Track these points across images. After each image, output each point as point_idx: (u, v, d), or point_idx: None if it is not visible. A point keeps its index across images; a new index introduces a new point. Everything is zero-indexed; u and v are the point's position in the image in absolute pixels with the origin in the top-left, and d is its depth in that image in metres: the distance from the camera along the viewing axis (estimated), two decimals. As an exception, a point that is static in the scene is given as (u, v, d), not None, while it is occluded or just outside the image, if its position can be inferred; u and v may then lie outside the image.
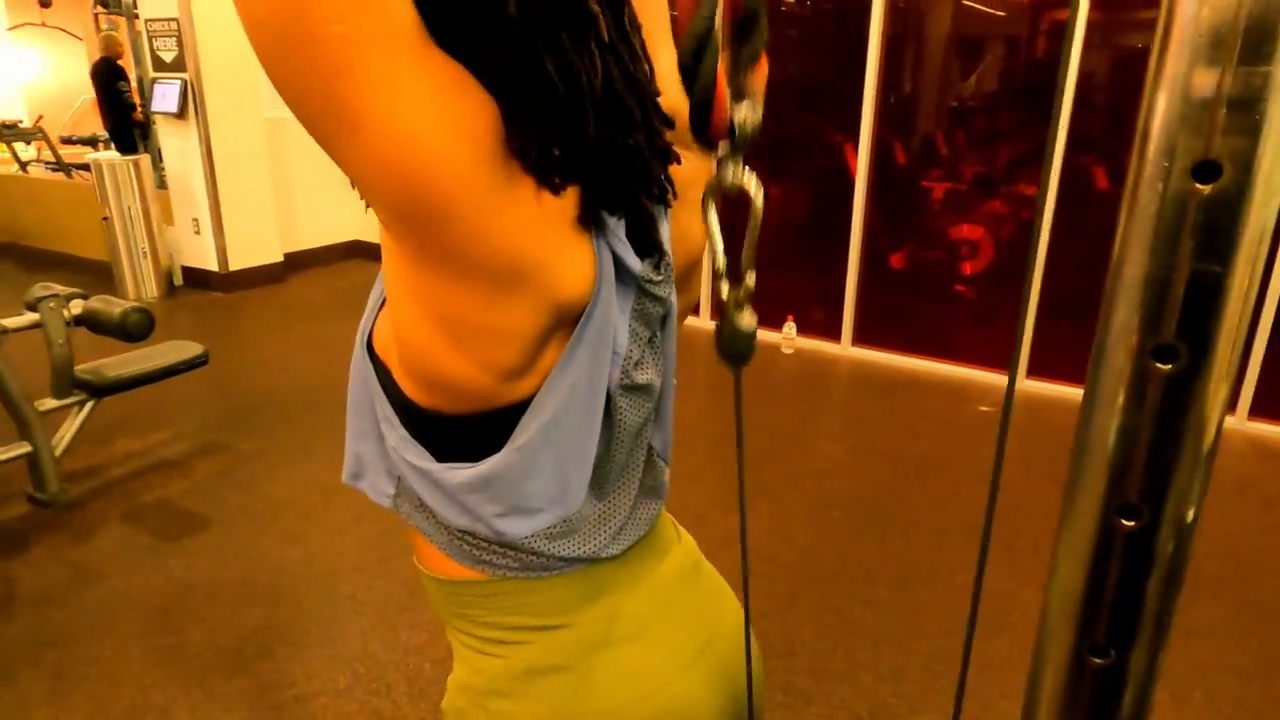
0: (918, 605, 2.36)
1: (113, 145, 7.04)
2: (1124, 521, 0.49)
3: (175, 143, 5.38)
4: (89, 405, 2.97)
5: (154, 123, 5.76)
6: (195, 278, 5.66)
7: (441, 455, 0.65)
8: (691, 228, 0.77)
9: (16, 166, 7.38)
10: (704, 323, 4.83)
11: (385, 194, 0.52)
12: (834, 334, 4.58)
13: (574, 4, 0.53)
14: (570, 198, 0.58)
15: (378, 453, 0.69)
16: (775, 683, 2.06)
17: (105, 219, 5.25)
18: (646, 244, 0.64)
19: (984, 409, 3.82)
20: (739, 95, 0.56)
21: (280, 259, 5.84)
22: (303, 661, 2.12)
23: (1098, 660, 0.50)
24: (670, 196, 0.66)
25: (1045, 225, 3.90)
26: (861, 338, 4.55)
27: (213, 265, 5.52)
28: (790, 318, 4.58)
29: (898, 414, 3.76)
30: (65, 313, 2.80)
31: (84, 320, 2.85)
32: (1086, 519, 0.50)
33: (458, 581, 0.71)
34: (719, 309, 0.61)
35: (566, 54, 0.53)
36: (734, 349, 0.62)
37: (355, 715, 1.95)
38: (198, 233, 5.49)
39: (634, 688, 0.71)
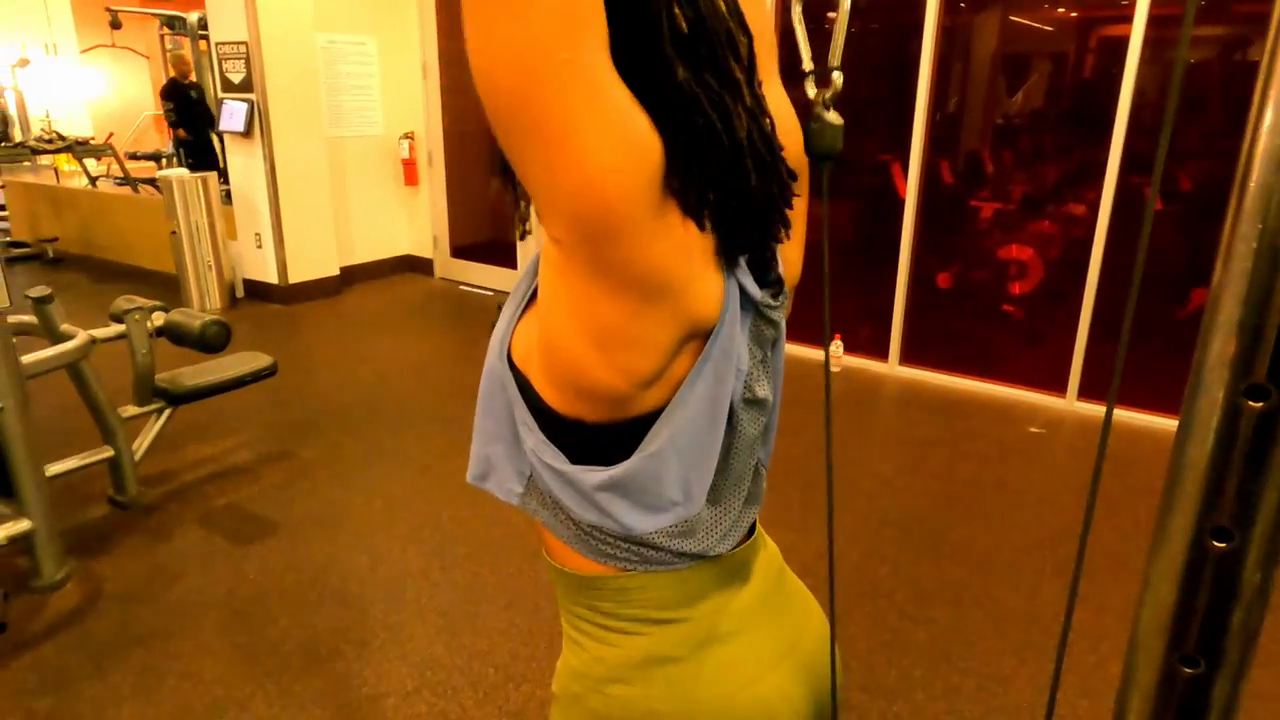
0: (971, 625, 2.38)
1: (178, 160, 7.35)
2: (1215, 543, 0.54)
3: (241, 160, 5.59)
4: (167, 413, 3.11)
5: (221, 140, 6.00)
6: (256, 290, 5.86)
7: (575, 458, 0.72)
8: (790, 258, 0.84)
9: (87, 181, 7.70)
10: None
11: (571, 210, 0.59)
12: (882, 353, 4.59)
13: (723, 68, 0.61)
14: (710, 233, 0.65)
15: (508, 454, 0.77)
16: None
17: (173, 233, 5.46)
18: (766, 275, 0.72)
19: (1034, 430, 3.81)
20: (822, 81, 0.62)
21: (336, 272, 6.02)
22: (372, 663, 2.21)
23: (1188, 670, 0.55)
24: (785, 235, 0.73)
25: (1099, 244, 3.90)
26: (909, 357, 4.56)
27: (273, 278, 5.71)
28: (838, 336, 4.60)
29: (947, 434, 3.76)
30: (149, 324, 2.94)
31: (165, 331, 3.00)
32: (1179, 539, 0.55)
33: (587, 576, 0.78)
34: (807, 109, 0.68)
35: (727, 109, 0.61)
36: (824, 143, 0.68)
37: (424, 717, 2.02)
38: (259, 247, 5.69)
39: (733, 680, 0.78)
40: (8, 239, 7.75)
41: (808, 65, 0.67)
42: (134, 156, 8.89)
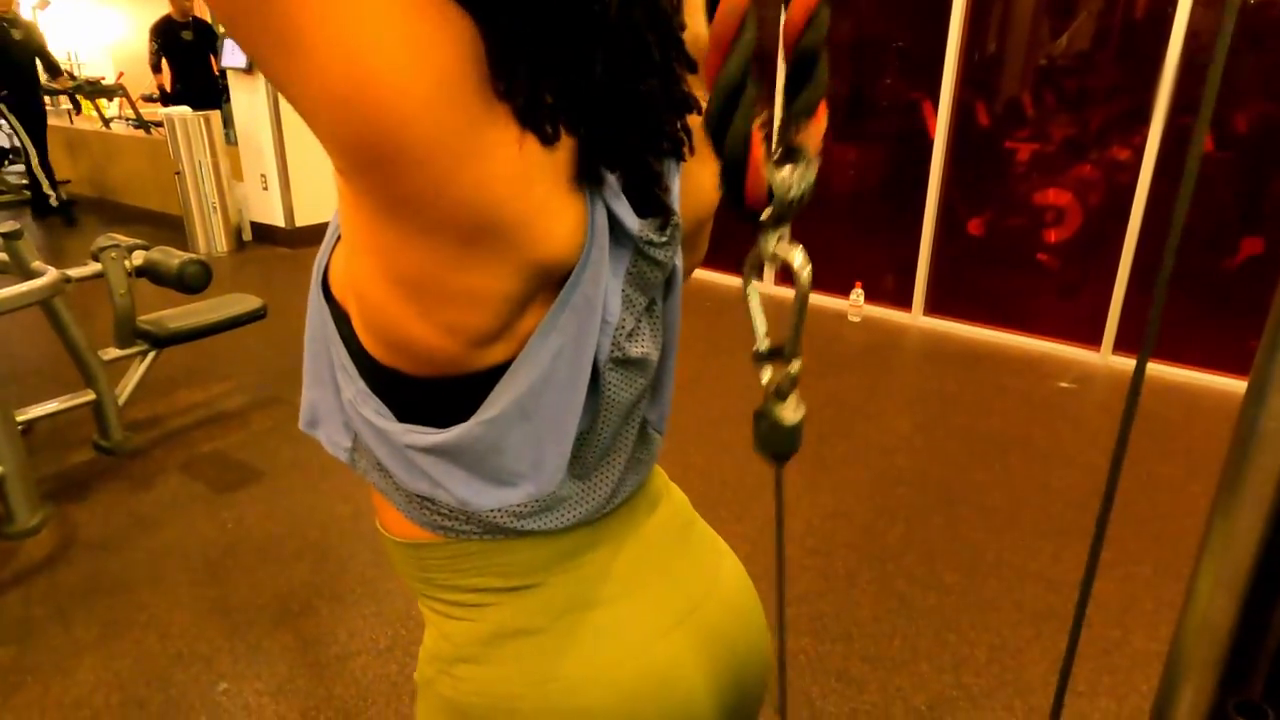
0: (985, 592, 2.21)
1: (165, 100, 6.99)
2: (1303, 544, 0.36)
3: (244, 98, 5.42)
4: (151, 355, 3.00)
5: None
6: (263, 233, 5.74)
7: (403, 415, 0.57)
8: (704, 181, 0.66)
9: (101, 123, 7.59)
10: (770, 287, 4.66)
11: (332, 129, 0.43)
12: (905, 303, 4.36)
13: None
14: (562, 145, 0.48)
15: (335, 402, 0.62)
16: (829, 667, 1.95)
17: (177, 174, 5.34)
18: (649, 202, 0.54)
19: (1064, 385, 3.59)
20: (789, 155, 0.45)
21: (345, 216, 5.88)
22: (346, 620, 2.10)
23: (1249, 723, 0.38)
24: (687, 150, 0.55)
25: (1142, 190, 3.62)
26: (934, 307, 4.32)
27: (280, 221, 5.58)
28: (859, 284, 4.38)
29: (970, 388, 3.55)
30: (126, 263, 2.82)
31: (145, 271, 2.87)
32: (1244, 535, 0.37)
33: (419, 544, 0.65)
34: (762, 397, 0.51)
35: None
36: (775, 447, 0.51)
37: (394, 676, 1.92)
38: (265, 188, 5.55)
39: (611, 651, 0.65)
40: (24, 181, 7.69)
41: (761, 345, 0.50)
42: (149, 99, 8.76)
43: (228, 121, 5.74)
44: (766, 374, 0.49)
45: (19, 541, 2.40)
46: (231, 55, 5.29)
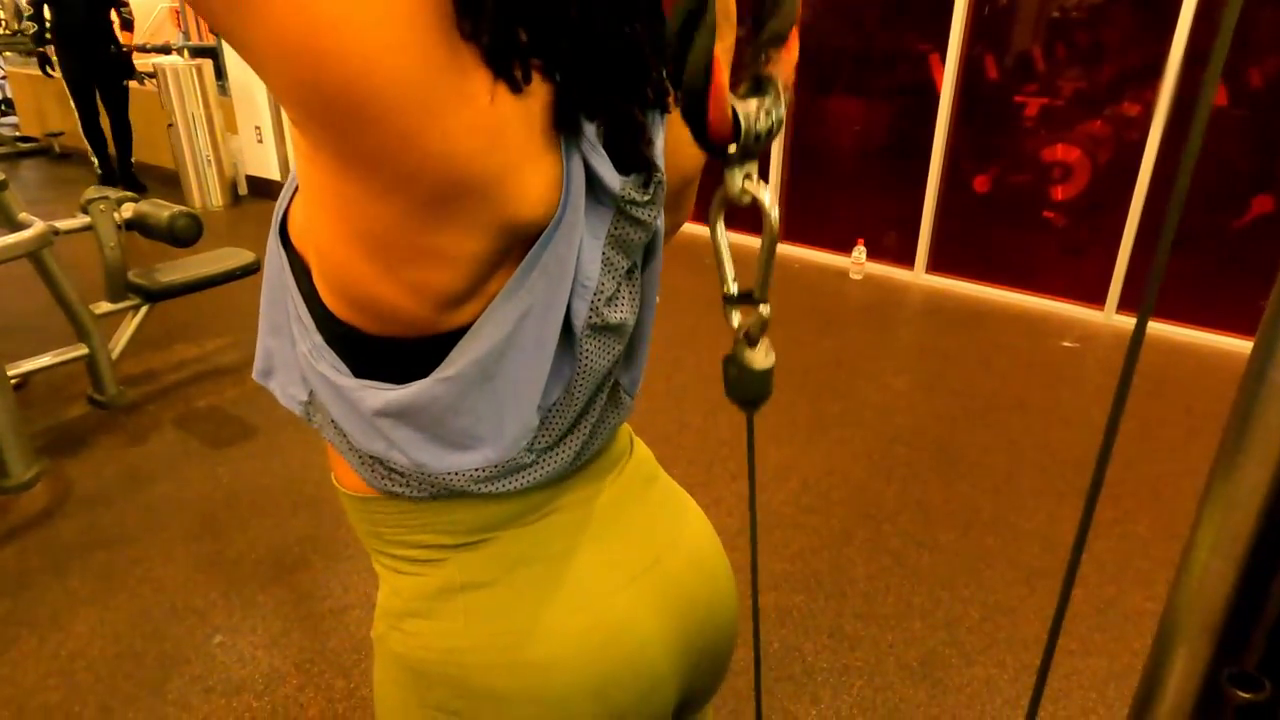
0: (980, 551, 2.21)
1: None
2: (1310, 506, 0.34)
3: (237, 48, 5.31)
4: (143, 310, 2.97)
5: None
6: (259, 187, 5.67)
7: (360, 371, 0.54)
8: (684, 136, 0.62)
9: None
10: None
11: (285, 81, 0.39)
12: (907, 260, 4.31)
13: None
14: (537, 96, 0.45)
15: (291, 354, 0.59)
16: (822, 624, 1.95)
17: (170, 125, 5.25)
18: (631, 157, 0.51)
19: (1067, 344, 3.56)
20: (757, 87, 0.41)
21: (342, 170, 5.80)
22: (339, 574, 2.11)
23: (1244, 694, 0.36)
24: (671, 101, 0.51)
25: (1153, 146, 3.54)
26: (937, 265, 4.27)
27: (275, 174, 5.50)
28: (860, 241, 4.32)
29: (971, 347, 3.52)
30: (116, 216, 2.78)
31: (134, 224, 2.83)
32: (1247, 496, 0.35)
33: (370, 499, 0.63)
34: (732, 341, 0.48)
35: None
36: (744, 392, 0.49)
37: (388, 631, 1.92)
38: (260, 141, 5.46)
39: (563, 603, 0.63)
40: (16, 133, 7.60)
41: (729, 288, 0.47)
42: (143, 49, 8.59)
43: (220, 72, 5.63)
44: (735, 318, 0.46)
45: (14, 496, 2.40)
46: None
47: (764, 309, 0.45)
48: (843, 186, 4.63)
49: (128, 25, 5.52)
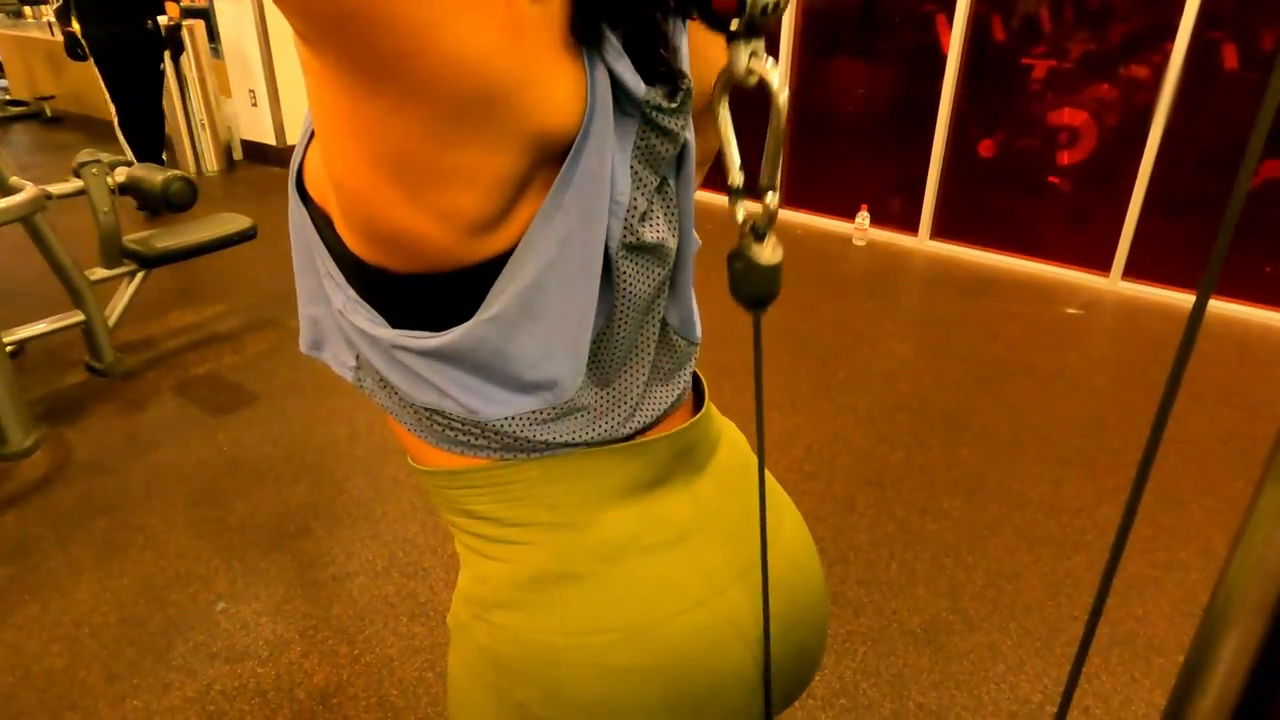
0: (984, 518, 2.20)
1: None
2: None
3: (230, 9, 5.20)
4: (139, 276, 2.94)
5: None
6: (254, 151, 5.59)
7: (396, 320, 0.51)
8: (712, 47, 0.58)
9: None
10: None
11: None
12: (911, 226, 4.27)
13: None
14: (556, 3, 0.42)
15: (333, 317, 0.56)
16: (823, 571, 1.95)
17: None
18: (655, 65, 0.47)
19: (1072, 311, 3.53)
20: None
21: (338, 134, 5.72)
22: (342, 541, 2.10)
23: (1304, 671, 0.34)
24: (692, 7, 0.48)
25: (1163, 110, 3.48)
26: (941, 231, 4.23)
27: (270, 139, 5.43)
28: (864, 207, 4.27)
29: (976, 314, 3.50)
30: (109, 180, 2.73)
31: (128, 189, 2.78)
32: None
33: (449, 470, 0.59)
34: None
35: None
36: (751, 289, 0.46)
37: (392, 597, 1.92)
38: (255, 104, 5.38)
39: (662, 604, 0.59)
40: (6, 97, 7.48)
41: (735, 178, 0.43)
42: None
43: (213, 34, 5.52)
44: (741, 211, 0.44)
45: (13, 463, 2.39)
46: (214, -38, 5.05)
47: (771, 199, 0.42)
48: (846, 151, 4.56)
49: None
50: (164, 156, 4.83)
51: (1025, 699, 1.68)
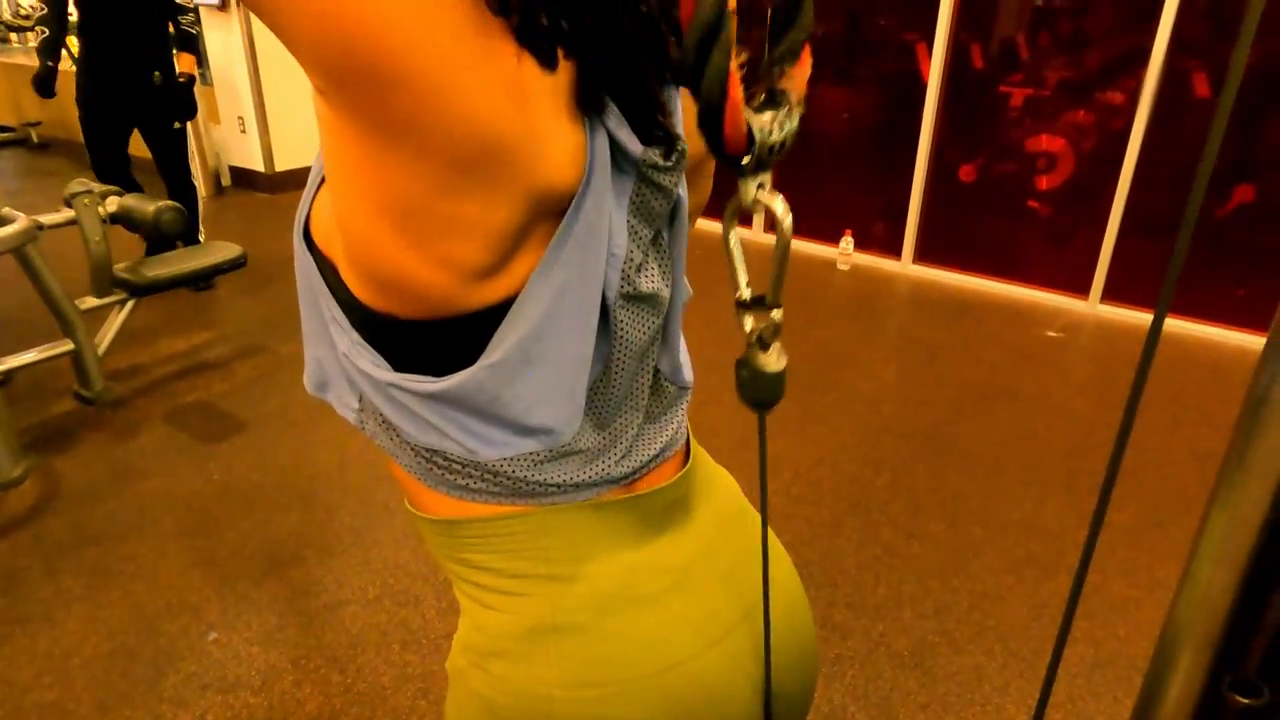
0: (968, 541, 2.24)
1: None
2: (1310, 522, 0.35)
3: (218, 36, 5.25)
4: (129, 304, 2.95)
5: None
6: (243, 178, 5.62)
7: (400, 364, 0.54)
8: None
9: (70, 61, 7.34)
10: (758, 234, 4.62)
11: (314, 45, 0.39)
12: (894, 250, 4.34)
13: None
14: (562, 73, 0.45)
15: (337, 360, 0.59)
16: (813, 614, 1.98)
17: (152, 115, 5.18)
18: (652, 129, 0.51)
19: (1052, 334, 3.59)
20: (771, 100, 0.43)
21: (326, 160, 5.75)
22: (334, 569, 2.11)
23: (1243, 700, 0.37)
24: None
25: (1137, 135, 3.57)
26: (924, 255, 4.30)
27: (259, 166, 5.45)
28: (848, 232, 4.34)
29: (958, 337, 3.56)
30: (100, 209, 2.75)
31: (119, 218, 2.80)
32: (1248, 514, 0.36)
33: (448, 519, 0.61)
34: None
35: None
36: (756, 394, 0.50)
37: (384, 625, 1.93)
38: (243, 131, 5.41)
39: (658, 657, 0.60)
40: (-8, 122, 7.47)
41: (743, 294, 0.48)
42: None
43: (202, 61, 5.56)
44: (749, 322, 0.48)
45: (2, 493, 2.38)
46: (204, -10, 5.09)
47: (776, 314, 0.46)
48: (830, 176, 4.64)
49: (189, 44, 3.80)
50: (201, 236, 4.01)
51: (1011, 719, 1.71)
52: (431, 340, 0.52)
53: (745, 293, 0.49)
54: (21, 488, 2.41)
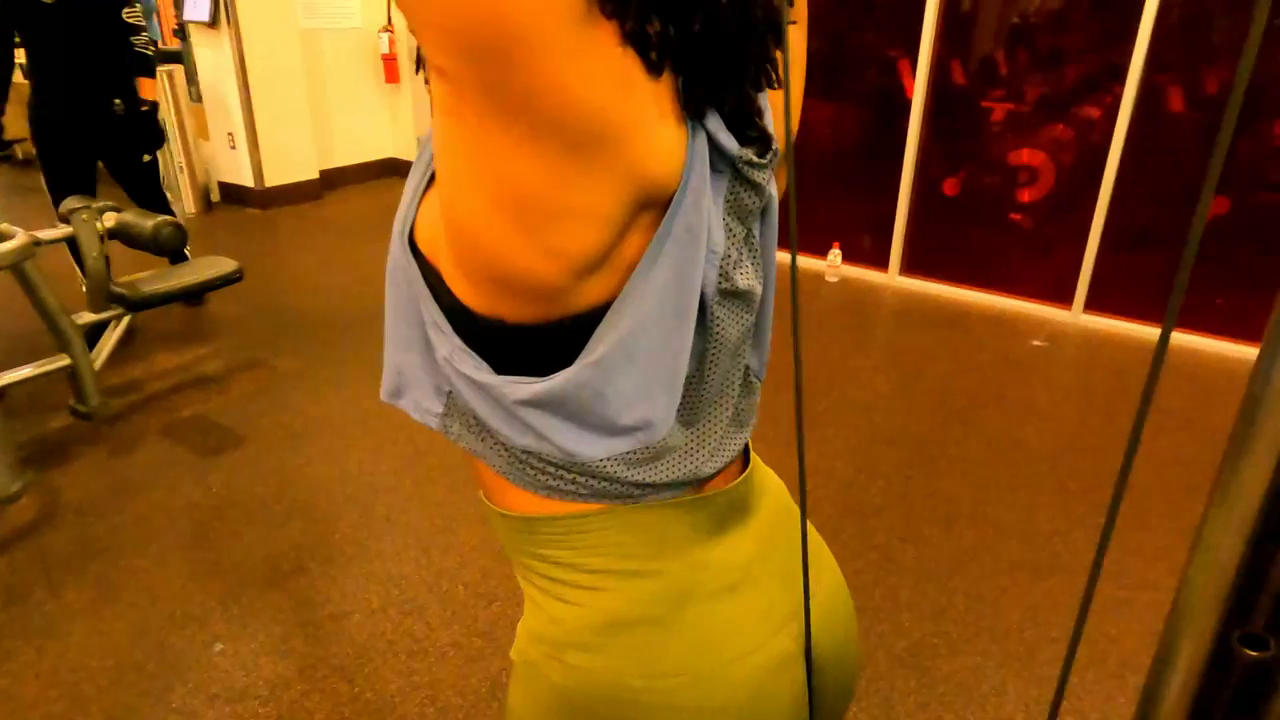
0: (962, 544, 2.29)
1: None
2: (1309, 488, 0.39)
3: (208, 53, 5.27)
4: (126, 320, 2.96)
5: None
6: (232, 194, 5.62)
7: (501, 367, 0.56)
8: (777, 106, 0.65)
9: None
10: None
11: (446, 23, 0.43)
12: (881, 263, 4.41)
13: None
14: (665, 80, 0.49)
15: (424, 365, 0.61)
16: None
17: (141, 132, 5.18)
18: (748, 128, 0.54)
19: (1037, 343, 3.67)
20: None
21: (316, 176, 5.77)
22: (337, 580, 2.13)
23: (1251, 653, 0.41)
24: (774, 80, 0.55)
25: (1116, 149, 3.67)
26: (910, 267, 4.37)
27: (249, 181, 5.47)
28: (836, 244, 4.41)
29: (946, 347, 3.62)
30: (98, 225, 2.76)
31: (117, 233, 2.81)
32: (1254, 479, 0.40)
33: (530, 516, 0.63)
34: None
35: None
36: None
37: (389, 635, 1.95)
38: (233, 148, 5.42)
39: (729, 647, 0.64)
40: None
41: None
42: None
43: (191, 78, 5.58)
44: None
45: (1, 508, 2.38)
46: (192, 9, 5.12)
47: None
48: (818, 191, 4.71)
49: (145, 67, 3.45)
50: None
51: (1009, 718, 1.75)
52: (535, 342, 0.55)
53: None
54: (20, 503, 2.41)
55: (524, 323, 0.54)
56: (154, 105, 3.58)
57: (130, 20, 3.38)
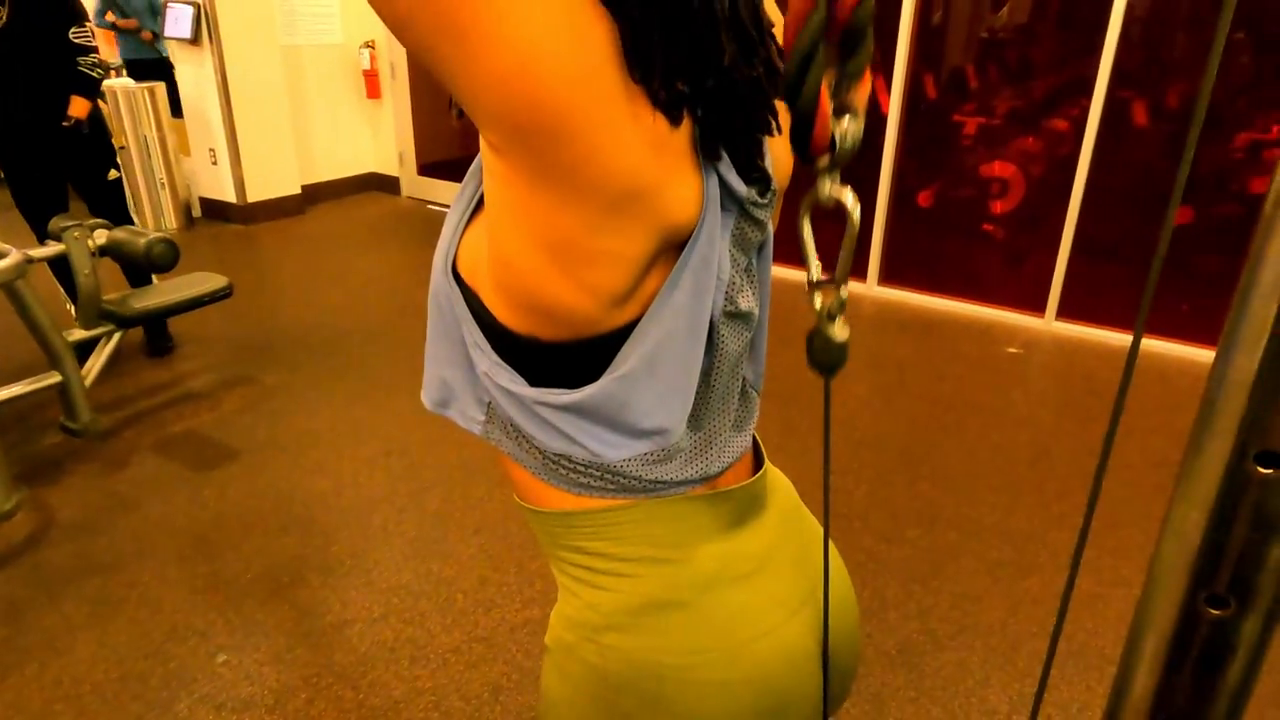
0: (945, 545, 2.36)
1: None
2: (1260, 469, 0.46)
3: (189, 70, 5.28)
4: (116, 336, 2.97)
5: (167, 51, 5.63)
6: (214, 209, 5.62)
7: (535, 380, 0.63)
8: (781, 156, 0.73)
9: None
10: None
11: (500, 107, 0.49)
12: (860, 273, 4.51)
13: None
14: (683, 128, 0.56)
15: (467, 380, 0.68)
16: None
17: (122, 148, 5.18)
18: (751, 169, 0.62)
19: (1012, 350, 3.77)
20: (841, 110, 0.53)
21: (298, 191, 5.78)
22: (337, 590, 2.16)
23: (1215, 611, 0.48)
24: (776, 128, 0.63)
25: (1084, 161, 3.79)
26: (889, 277, 4.48)
27: (231, 197, 5.47)
28: (816, 257, 4.49)
29: (924, 355, 3.72)
30: (90, 243, 2.78)
31: (109, 250, 2.83)
32: (1213, 464, 0.47)
33: (565, 512, 0.70)
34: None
35: None
36: (827, 359, 0.60)
37: (391, 642, 1.99)
38: (215, 163, 5.43)
39: (748, 628, 0.71)
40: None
41: (814, 274, 0.57)
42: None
43: (174, 93, 5.58)
44: (818, 300, 0.58)
45: (-4, 525, 2.39)
46: (174, 25, 5.13)
47: (843, 290, 0.56)
48: (797, 203, 4.81)
49: (87, 89, 3.39)
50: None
51: (994, 710, 1.82)
52: (567, 359, 0.62)
53: (816, 273, 0.59)
54: (15, 520, 2.42)
55: (557, 341, 0.61)
56: (89, 123, 3.46)
57: (77, 41, 3.34)
